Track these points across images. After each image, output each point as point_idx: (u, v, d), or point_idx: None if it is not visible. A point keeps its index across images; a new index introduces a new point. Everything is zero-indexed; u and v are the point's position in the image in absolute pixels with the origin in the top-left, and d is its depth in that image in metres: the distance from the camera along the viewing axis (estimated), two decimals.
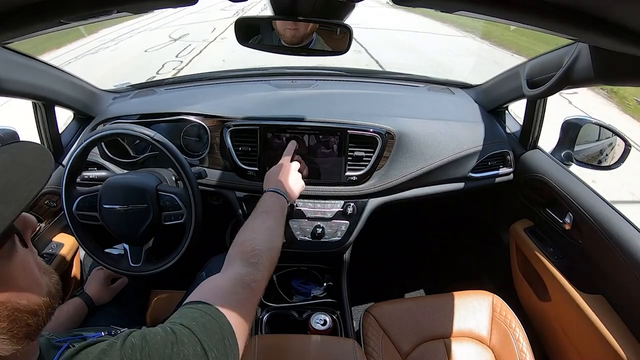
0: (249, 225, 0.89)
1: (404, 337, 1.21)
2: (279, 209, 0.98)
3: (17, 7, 0.47)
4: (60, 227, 1.40)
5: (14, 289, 0.48)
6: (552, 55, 1.09)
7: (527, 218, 1.45)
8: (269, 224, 0.90)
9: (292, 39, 1.00)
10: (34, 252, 0.54)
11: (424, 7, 0.58)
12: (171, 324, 0.59)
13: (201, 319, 0.59)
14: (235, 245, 0.82)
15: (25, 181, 0.48)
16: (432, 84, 1.71)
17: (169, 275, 1.14)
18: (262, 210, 0.95)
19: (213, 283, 0.71)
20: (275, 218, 0.93)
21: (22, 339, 0.49)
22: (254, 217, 0.93)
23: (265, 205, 0.97)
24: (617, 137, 1.25)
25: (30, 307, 0.50)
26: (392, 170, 1.32)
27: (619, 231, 1.03)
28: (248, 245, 0.81)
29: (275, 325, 1.42)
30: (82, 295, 1.13)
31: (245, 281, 0.72)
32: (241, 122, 1.30)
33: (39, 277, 0.53)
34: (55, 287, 0.56)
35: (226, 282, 0.71)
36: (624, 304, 1.07)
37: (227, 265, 0.78)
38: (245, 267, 0.75)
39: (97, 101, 1.48)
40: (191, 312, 0.61)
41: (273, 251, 0.84)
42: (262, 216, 0.93)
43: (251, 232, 0.86)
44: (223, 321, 0.60)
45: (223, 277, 0.73)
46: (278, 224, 0.93)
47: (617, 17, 0.48)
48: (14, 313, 0.47)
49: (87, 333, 0.75)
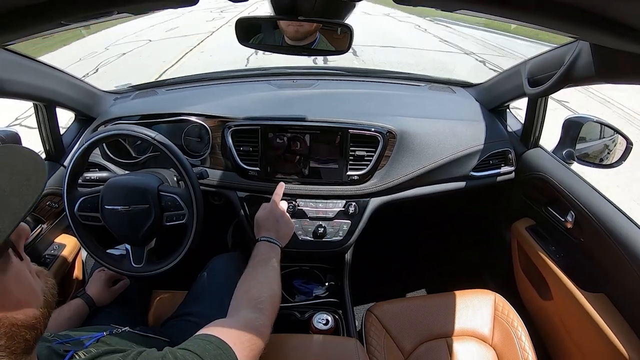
0: (251, 276, 0.91)
1: (406, 337, 1.21)
2: (274, 257, 0.99)
3: (18, 8, 0.47)
4: (62, 228, 1.40)
5: (11, 302, 0.47)
6: (553, 54, 1.09)
7: (529, 217, 1.45)
8: (268, 274, 0.93)
9: (296, 35, 0.99)
10: (27, 260, 0.52)
11: (426, 6, 0.58)
12: (183, 351, 0.61)
13: (213, 351, 0.62)
14: (239, 293, 0.86)
15: (19, 191, 0.46)
16: (433, 82, 1.71)
17: (171, 276, 1.14)
18: (259, 260, 0.97)
19: (224, 322, 0.74)
20: (272, 267, 0.96)
21: (21, 355, 0.48)
22: (253, 267, 0.95)
23: (262, 255, 0.99)
24: (619, 135, 1.25)
25: (28, 322, 0.48)
26: (393, 169, 1.32)
27: (621, 229, 1.03)
28: (253, 293, 0.84)
29: (277, 325, 1.40)
30: (84, 296, 1.13)
31: (255, 325, 0.75)
32: (242, 122, 1.30)
33: (34, 285, 0.52)
34: (51, 292, 0.55)
35: (237, 323, 0.74)
36: (626, 302, 1.06)
37: (234, 311, 0.80)
38: (253, 313, 0.78)
39: (98, 102, 1.49)
40: (204, 343, 0.63)
41: (275, 298, 0.87)
42: (261, 267, 0.95)
43: (254, 282, 0.89)
44: (232, 358, 0.63)
45: (234, 319, 0.76)
46: (276, 272, 0.95)
47: (618, 14, 0.47)
48: (12, 329, 0.46)
49: (87, 333, 0.75)
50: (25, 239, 0.52)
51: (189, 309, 1.13)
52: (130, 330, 0.89)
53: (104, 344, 0.72)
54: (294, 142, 1.29)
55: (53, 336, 0.68)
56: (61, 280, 1.34)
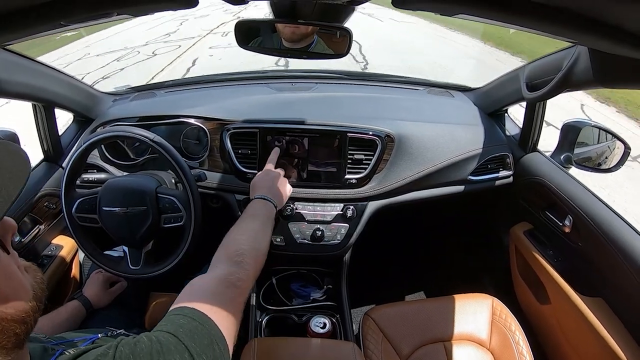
0: (234, 229, 0.90)
1: (403, 340, 1.20)
2: (265, 214, 0.98)
3: (18, 9, 0.47)
4: (59, 229, 1.39)
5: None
6: (552, 58, 1.10)
7: (527, 221, 1.45)
8: (254, 226, 0.91)
9: (292, 37, 1.00)
10: (15, 255, 0.52)
11: (424, 10, 0.58)
12: (158, 332, 0.57)
13: (188, 325, 0.58)
14: (220, 248, 0.83)
15: (2, 185, 0.46)
16: (431, 87, 1.71)
17: (169, 278, 1.14)
18: (248, 214, 0.96)
19: (198, 285, 0.71)
20: (261, 222, 0.94)
21: (12, 349, 0.47)
22: (240, 220, 0.93)
23: (252, 210, 0.98)
24: (617, 140, 1.25)
25: (17, 316, 0.48)
26: (391, 173, 1.32)
27: (619, 234, 1.03)
28: (232, 246, 0.82)
29: (275, 328, 1.42)
30: (81, 298, 1.12)
31: (230, 280, 0.72)
32: (241, 125, 1.30)
33: (23, 280, 0.51)
34: (40, 286, 0.55)
35: (211, 282, 0.71)
36: (623, 306, 1.06)
37: (212, 266, 0.78)
38: (229, 267, 0.75)
39: (96, 103, 1.49)
40: (177, 318, 0.60)
41: (258, 252, 0.84)
42: (248, 219, 0.93)
43: (235, 234, 0.87)
44: (211, 325, 0.60)
45: (208, 278, 0.73)
46: (264, 227, 0.93)
47: (616, 19, 0.48)
48: (1, 323, 0.46)
49: (82, 335, 0.74)
50: (12, 233, 0.52)
51: None
52: (125, 332, 0.88)
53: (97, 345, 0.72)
54: (293, 145, 1.29)
55: (47, 338, 0.68)
56: (58, 282, 1.33)
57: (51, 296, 1.27)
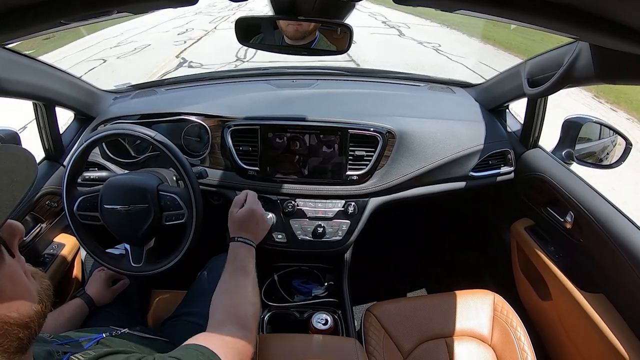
0: (233, 286, 0.90)
1: (405, 337, 1.21)
2: (251, 262, 0.98)
3: (17, 7, 0.47)
4: (61, 227, 1.40)
5: (3, 301, 0.46)
6: (553, 54, 1.09)
7: (528, 217, 1.45)
8: (250, 287, 0.91)
9: (295, 34, 0.99)
10: (22, 259, 0.52)
11: (425, 6, 0.58)
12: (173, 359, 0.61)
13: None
14: (224, 304, 0.85)
15: (8, 187, 0.46)
16: (432, 83, 1.71)
17: (170, 275, 1.14)
18: (240, 265, 0.95)
19: (214, 335, 0.75)
20: (253, 279, 0.94)
21: (14, 353, 0.47)
22: (235, 274, 0.93)
23: (242, 262, 0.96)
24: (618, 136, 1.25)
25: (21, 320, 0.47)
26: (393, 169, 1.32)
27: (620, 230, 1.03)
28: (239, 310, 0.83)
29: (277, 324, 1.42)
30: (83, 296, 1.13)
31: (243, 342, 0.76)
32: (242, 122, 1.30)
33: (28, 285, 0.51)
34: (46, 292, 0.54)
35: (227, 337, 0.74)
36: (625, 302, 1.06)
37: (221, 324, 0.79)
38: (240, 330, 0.78)
39: (97, 101, 1.48)
40: (196, 353, 0.64)
41: (257, 312, 0.87)
42: (243, 276, 0.93)
43: (238, 297, 0.87)
44: None
45: (223, 333, 0.76)
46: (255, 283, 0.94)
47: (617, 15, 0.47)
48: (4, 327, 0.45)
49: (87, 334, 0.75)
50: (19, 237, 0.52)
51: (188, 308, 1.13)
52: (129, 331, 0.89)
53: (104, 345, 0.72)
54: (294, 142, 1.29)
55: (52, 337, 0.68)
56: (60, 280, 1.34)
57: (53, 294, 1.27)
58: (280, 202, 1.34)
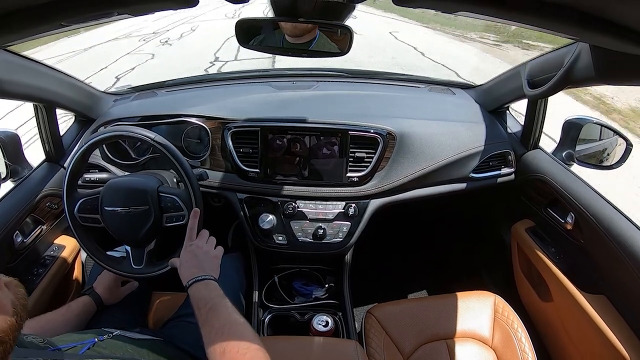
0: (218, 336, 0.72)
1: (405, 338, 1.20)
2: (218, 295, 0.84)
3: (19, 9, 0.47)
4: (61, 229, 1.40)
5: None
6: (553, 55, 1.09)
7: (529, 218, 1.45)
8: (235, 325, 0.76)
9: (294, 31, 0.99)
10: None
11: (425, 8, 0.58)
12: None
13: None
14: None
15: None
16: (433, 84, 1.71)
17: (171, 277, 1.13)
18: (209, 307, 0.79)
19: None
20: (226, 310, 0.79)
21: None
22: (210, 328, 0.75)
23: (207, 301, 0.81)
24: (619, 137, 1.25)
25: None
26: (393, 171, 1.32)
27: (621, 231, 1.03)
28: None
29: (277, 326, 1.42)
30: (93, 294, 1.12)
31: None
32: (242, 124, 1.30)
33: (2, 298, 0.49)
34: (21, 302, 0.52)
35: None
36: (626, 303, 1.06)
37: None
38: None
39: (98, 103, 1.49)
40: None
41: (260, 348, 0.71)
42: (216, 319, 0.77)
43: (229, 345, 0.71)
44: None
45: None
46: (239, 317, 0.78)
47: (617, 16, 0.47)
48: None
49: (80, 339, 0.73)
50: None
51: (189, 310, 1.12)
52: (120, 333, 0.86)
53: (96, 352, 0.71)
54: (294, 144, 1.29)
55: (45, 343, 0.66)
56: (61, 282, 1.33)
57: (54, 296, 1.27)
58: (280, 204, 1.34)
